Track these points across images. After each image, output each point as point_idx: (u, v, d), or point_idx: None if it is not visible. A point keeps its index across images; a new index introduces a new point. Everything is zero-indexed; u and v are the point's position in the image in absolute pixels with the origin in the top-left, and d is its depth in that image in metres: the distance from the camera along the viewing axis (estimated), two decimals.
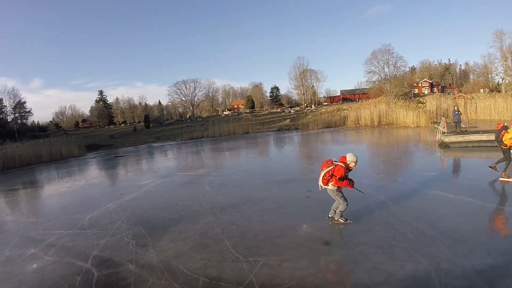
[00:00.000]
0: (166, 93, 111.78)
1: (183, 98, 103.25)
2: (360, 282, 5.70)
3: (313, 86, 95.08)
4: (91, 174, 21.82)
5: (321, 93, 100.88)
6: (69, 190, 16.61)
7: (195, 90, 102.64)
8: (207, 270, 6.62)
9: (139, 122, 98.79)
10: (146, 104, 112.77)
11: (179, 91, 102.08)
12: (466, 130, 21.67)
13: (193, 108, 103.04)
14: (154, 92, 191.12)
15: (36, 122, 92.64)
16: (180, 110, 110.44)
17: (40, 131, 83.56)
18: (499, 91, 58.18)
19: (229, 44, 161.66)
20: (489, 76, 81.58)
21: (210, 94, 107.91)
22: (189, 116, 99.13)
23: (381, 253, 6.66)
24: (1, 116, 79.73)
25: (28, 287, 6.81)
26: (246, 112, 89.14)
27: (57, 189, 17.17)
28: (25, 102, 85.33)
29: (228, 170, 17.64)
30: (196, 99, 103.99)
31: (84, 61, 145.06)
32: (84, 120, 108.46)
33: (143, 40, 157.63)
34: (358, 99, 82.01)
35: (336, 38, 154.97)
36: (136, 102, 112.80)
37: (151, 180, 16.40)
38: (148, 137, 56.88)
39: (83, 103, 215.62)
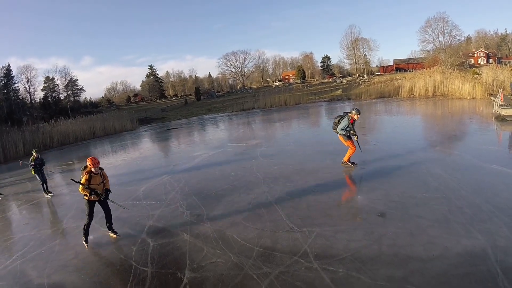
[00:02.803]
0: (215, 65, 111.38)
1: (233, 70, 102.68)
2: (415, 255, 5.58)
3: (365, 55, 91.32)
4: (144, 147, 22.41)
5: (374, 62, 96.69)
6: (124, 163, 17.10)
7: (245, 61, 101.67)
8: (261, 240, 6.68)
9: (190, 95, 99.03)
10: (196, 77, 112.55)
11: (228, 63, 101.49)
12: None
13: (243, 80, 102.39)
14: (204, 65, 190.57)
15: (88, 98, 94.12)
16: (230, 82, 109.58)
17: (92, 107, 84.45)
18: None
19: (277, 13, 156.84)
20: None
21: (260, 65, 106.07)
22: (240, 88, 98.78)
23: (437, 227, 6.45)
24: (54, 95, 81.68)
25: (84, 257, 7.05)
26: (297, 83, 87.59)
27: (112, 162, 17.61)
28: (76, 80, 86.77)
29: (280, 141, 17.60)
30: (246, 70, 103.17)
31: (134, 37, 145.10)
32: (135, 95, 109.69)
33: (192, 13, 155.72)
34: (412, 69, 78.19)
35: (389, 5, 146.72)
36: (186, 75, 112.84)
37: (204, 151, 16.60)
38: (199, 110, 57.60)
39: (134, 78, 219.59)
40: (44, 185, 12.62)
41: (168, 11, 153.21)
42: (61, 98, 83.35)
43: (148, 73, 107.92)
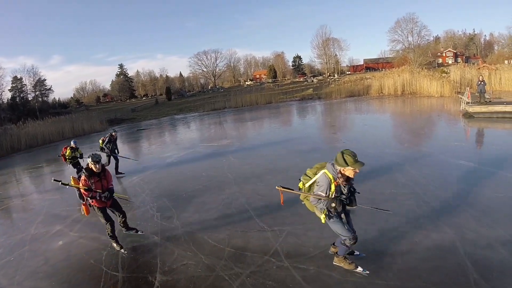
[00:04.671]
0: (187, 64, 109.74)
1: (205, 69, 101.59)
2: (385, 250, 5.69)
3: (336, 55, 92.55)
4: None
5: (344, 62, 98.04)
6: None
7: (216, 60, 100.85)
8: (232, 240, 6.67)
9: (161, 94, 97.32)
10: (167, 76, 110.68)
11: (200, 62, 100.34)
12: (490, 101, 20.85)
13: (214, 79, 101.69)
14: (175, 64, 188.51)
15: (57, 99, 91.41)
16: (202, 81, 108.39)
17: (61, 108, 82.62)
18: None
19: (249, 12, 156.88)
20: None
21: (232, 64, 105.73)
22: (211, 87, 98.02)
23: (406, 222, 6.62)
24: (22, 95, 79.44)
25: (55, 263, 6.83)
26: (268, 82, 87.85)
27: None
28: (45, 80, 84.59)
29: (251, 140, 17.62)
30: (217, 69, 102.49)
31: (104, 35, 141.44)
32: (105, 95, 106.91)
33: (163, 10, 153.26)
34: (382, 68, 79.93)
35: (360, 6, 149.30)
36: (157, 75, 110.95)
37: (175, 152, 16.42)
38: (170, 109, 56.85)
39: (104, 77, 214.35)
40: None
41: (139, 7, 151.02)
42: (29, 99, 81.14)
43: (118, 72, 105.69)
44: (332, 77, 79.21)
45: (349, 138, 15.06)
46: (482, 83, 20.94)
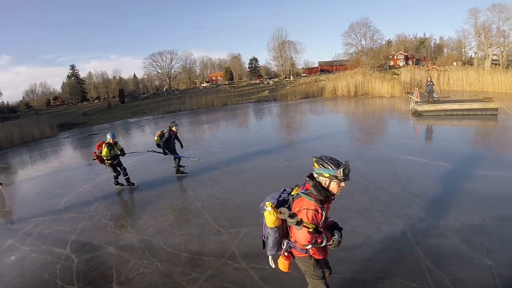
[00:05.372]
0: (141, 65, 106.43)
1: (159, 71, 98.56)
2: (340, 245, 5.77)
3: (292, 57, 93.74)
4: (65, 155, 21.04)
5: (300, 64, 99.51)
6: (43, 174, 15.66)
7: (171, 62, 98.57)
8: (188, 245, 6.56)
9: (114, 97, 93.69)
10: (120, 78, 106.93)
11: (155, 63, 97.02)
12: (438, 100, 22.08)
13: (170, 81, 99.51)
14: (129, 65, 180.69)
15: (5, 102, 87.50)
16: (157, 83, 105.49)
17: (10, 112, 78.42)
18: (471, 64, 59.97)
19: (206, 13, 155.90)
20: (463, 51, 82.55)
21: (188, 66, 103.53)
22: (166, 89, 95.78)
23: (359, 217, 6.82)
24: None
25: (8, 280, 6.48)
26: (224, 84, 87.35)
27: (30, 174, 16.06)
28: None
29: (207, 143, 17.49)
30: (173, 71, 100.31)
31: (55, 33, 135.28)
32: (55, 98, 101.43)
33: (117, 8, 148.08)
34: (336, 71, 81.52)
35: (315, 10, 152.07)
36: (110, 76, 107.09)
37: (128, 157, 15.95)
38: (124, 113, 55.31)
39: (55, 79, 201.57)
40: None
41: (91, 5, 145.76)
42: None
43: (70, 74, 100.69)
44: (288, 79, 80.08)
45: (304, 139, 15.30)
46: (431, 83, 22.17)
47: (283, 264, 3.77)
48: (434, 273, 4.92)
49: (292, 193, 3.69)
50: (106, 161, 10.53)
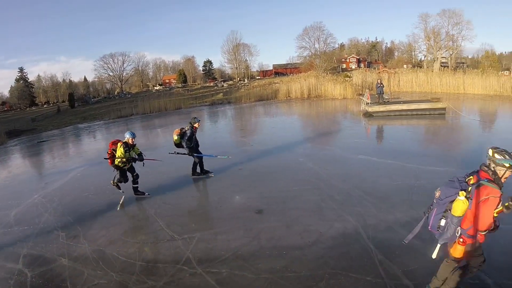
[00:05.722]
0: (92, 68, 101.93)
1: (111, 73, 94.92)
2: (293, 244, 5.88)
3: (246, 60, 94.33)
4: (13, 164, 20.08)
5: (254, 67, 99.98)
6: None
7: (123, 64, 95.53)
8: (142, 253, 6.41)
9: (63, 101, 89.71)
10: (70, 81, 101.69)
11: (106, 65, 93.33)
12: (388, 101, 22.96)
13: (121, 84, 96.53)
14: (80, 68, 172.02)
15: None
16: (108, 86, 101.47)
17: None
18: (421, 67, 63.54)
19: (160, 14, 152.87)
20: (413, 54, 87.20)
21: (140, 69, 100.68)
22: (118, 93, 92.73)
23: (312, 216, 6.94)
24: None
25: None
26: (178, 87, 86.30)
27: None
28: None
29: (159, 148, 17.13)
30: (125, 74, 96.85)
31: (1, 33, 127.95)
32: (3, 103, 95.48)
33: (67, 7, 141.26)
34: (290, 73, 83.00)
35: (269, 13, 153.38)
36: (60, 79, 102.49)
37: (78, 165, 15.41)
38: (74, 118, 53.31)
39: (2, 83, 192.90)
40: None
41: (38, 4, 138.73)
42: None
43: (18, 77, 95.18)
44: (242, 82, 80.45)
45: (258, 141, 15.38)
46: (381, 85, 23.03)
47: (459, 250, 3.88)
48: (386, 265, 5.09)
49: (471, 182, 3.86)
50: (118, 163, 9.21)
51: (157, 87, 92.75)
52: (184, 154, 10.54)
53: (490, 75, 34.92)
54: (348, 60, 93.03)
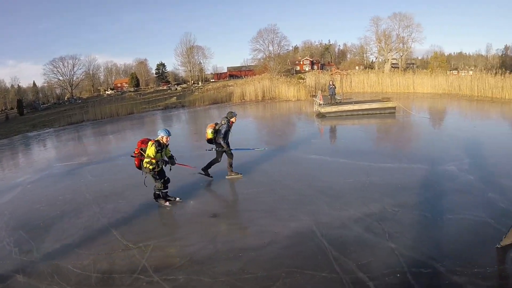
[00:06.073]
0: (41, 72, 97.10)
1: (61, 78, 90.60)
2: (248, 246, 5.93)
3: (200, 63, 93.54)
4: None
5: (208, 70, 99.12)
6: None
7: (74, 68, 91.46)
8: (97, 264, 6.23)
9: (12, 108, 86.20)
10: (19, 86, 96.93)
11: (56, 69, 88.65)
12: (340, 101, 23.67)
13: (72, 89, 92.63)
14: (30, 72, 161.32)
15: None
16: (58, 91, 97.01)
17: None
18: (372, 68, 66.74)
19: (111, 15, 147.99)
20: (364, 56, 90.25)
21: (91, 72, 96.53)
22: (68, 98, 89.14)
23: (266, 217, 7.03)
24: None
25: None
26: (130, 91, 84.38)
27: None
28: None
29: (111, 155, 16.76)
30: (75, 78, 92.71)
31: None
32: None
33: (13, 8, 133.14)
34: (244, 76, 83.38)
35: (224, 15, 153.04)
36: (8, 85, 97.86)
37: (28, 176, 14.76)
38: (23, 126, 50.93)
39: None
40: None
41: None
42: None
43: None
44: (196, 85, 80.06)
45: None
46: (333, 86, 23.78)
47: None
48: (340, 261, 5.23)
49: None
50: (147, 165, 8.21)
51: (109, 92, 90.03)
52: (221, 150, 10.09)
53: (438, 74, 37.04)
54: (302, 63, 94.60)
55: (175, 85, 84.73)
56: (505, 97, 28.15)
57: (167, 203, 8.34)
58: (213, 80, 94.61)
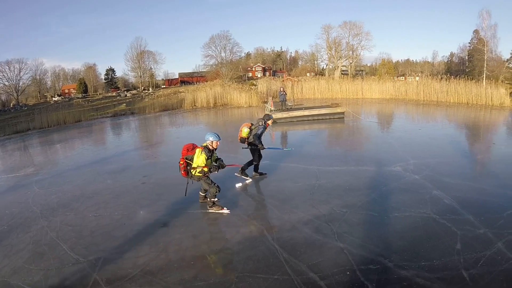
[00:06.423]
0: None
1: (6, 83, 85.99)
2: (200, 253, 5.99)
3: (151, 68, 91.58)
4: None
5: (159, 75, 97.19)
6: None
7: (20, 72, 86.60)
8: (48, 280, 6.03)
9: None
10: None
11: (1, 74, 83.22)
12: (291, 107, 24.40)
13: (17, 95, 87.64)
14: None
15: None
16: (3, 98, 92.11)
17: None
18: (323, 75, 69.19)
19: (58, 16, 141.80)
20: (315, 63, 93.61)
21: (38, 77, 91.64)
22: (13, 105, 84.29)
23: (217, 224, 7.18)
24: None
25: None
26: (78, 97, 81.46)
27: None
28: None
29: (58, 166, 16.20)
30: (21, 83, 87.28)
31: None
32: None
33: None
34: (196, 82, 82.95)
35: (176, 20, 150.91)
36: None
37: None
38: None
39: None
40: None
41: None
42: None
43: None
44: (146, 91, 78.83)
45: (162, 153, 15.21)
46: (283, 93, 24.66)
47: None
48: (291, 263, 5.42)
49: None
50: (199, 174, 7.66)
51: (56, 98, 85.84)
52: (255, 148, 9.92)
53: (386, 80, 39.28)
54: (254, 69, 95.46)
55: (125, 91, 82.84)
56: (449, 101, 30.14)
57: (225, 209, 7.75)
58: (164, 86, 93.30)
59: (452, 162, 11.03)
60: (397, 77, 62.52)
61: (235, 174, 10.02)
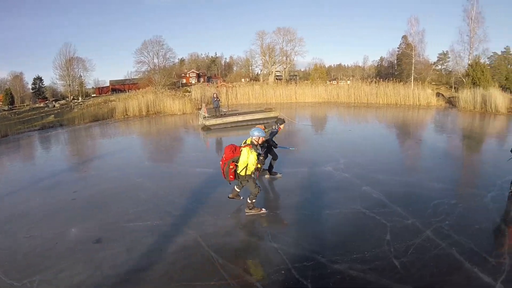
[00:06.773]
0: None
1: None
2: (136, 267, 5.94)
3: (81, 76, 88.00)
4: None
5: (90, 83, 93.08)
6: None
7: None
8: None
9: None
10: None
11: None
12: (225, 113, 24.63)
13: None
14: None
15: None
16: None
17: None
18: (257, 80, 69.35)
19: None
20: (250, 68, 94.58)
21: None
22: None
23: (151, 236, 7.05)
24: None
25: None
26: (4, 110, 76.76)
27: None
28: None
29: None
30: None
31: None
32: None
33: None
34: (128, 90, 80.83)
35: (107, 26, 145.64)
36: None
37: None
38: None
39: None
40: None
41: None
42: None
43: None
44: (76, 100, 75.69)
45: (92, 167, 14.54)
46: (217, 99, 24.94)
47: None
48: (227, 267, 5.58)
49: None
50: (246, 172, 7.38)
51: None
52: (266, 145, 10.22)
53: (319, 85, 40.77)
54: (188, 75, 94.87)
55: (53, 102, 78.95)
56: (379, 102, 31.99)
57: (263, 210, 7.67)
58: (95, 95, 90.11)
59: (381, 159, 11.80)
60: (330, 81, 65.11)
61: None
